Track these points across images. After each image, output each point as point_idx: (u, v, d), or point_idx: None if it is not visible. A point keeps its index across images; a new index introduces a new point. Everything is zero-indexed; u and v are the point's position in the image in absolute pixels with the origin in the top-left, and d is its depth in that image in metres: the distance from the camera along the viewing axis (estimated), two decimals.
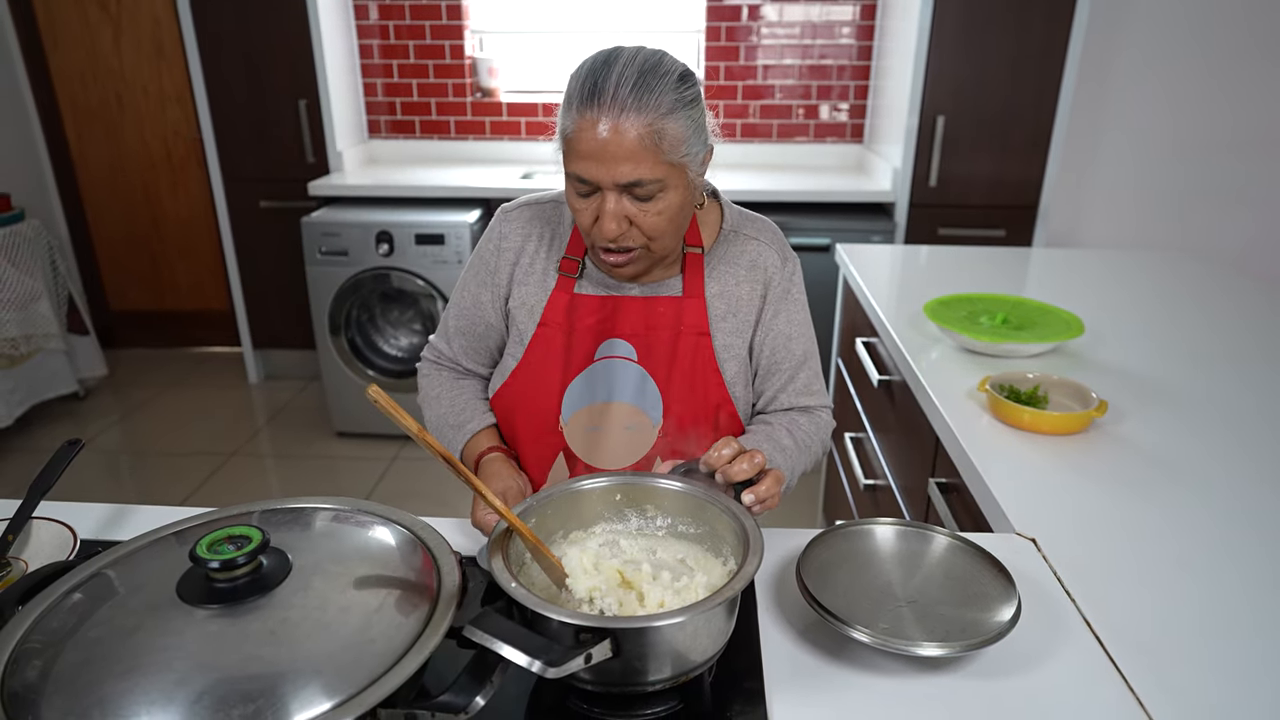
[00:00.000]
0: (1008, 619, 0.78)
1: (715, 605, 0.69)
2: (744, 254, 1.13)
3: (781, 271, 1.14)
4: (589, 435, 1.13)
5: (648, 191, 0.95)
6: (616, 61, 0.93)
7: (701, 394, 1.12)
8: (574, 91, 0.94)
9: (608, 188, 0.95)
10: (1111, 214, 3.40)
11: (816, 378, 1.18)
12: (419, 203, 3.13)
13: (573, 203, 1.00)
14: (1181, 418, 1.30)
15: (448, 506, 2.75)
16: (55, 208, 3.81)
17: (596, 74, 0.92)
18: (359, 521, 0.79)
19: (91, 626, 0.64)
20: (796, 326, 1.15)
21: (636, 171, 0.93)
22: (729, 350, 1.12)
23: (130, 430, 3.35)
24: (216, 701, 0.56)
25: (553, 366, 1.12)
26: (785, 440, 1.10)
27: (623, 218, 0.97)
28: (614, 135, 0.91)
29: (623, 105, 0.91)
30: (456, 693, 0.63)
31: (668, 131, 0.93)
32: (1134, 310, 1.85)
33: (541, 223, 1.15)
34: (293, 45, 3.18)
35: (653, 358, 1.11)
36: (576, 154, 0.94)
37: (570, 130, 0.94)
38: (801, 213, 3.00)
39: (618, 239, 0.98)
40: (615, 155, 0.92)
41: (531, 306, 1.13)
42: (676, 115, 0.93)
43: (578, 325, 1.11)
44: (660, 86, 0.92)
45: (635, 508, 0.91)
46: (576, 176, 0.96)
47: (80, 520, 0.99)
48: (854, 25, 3.37)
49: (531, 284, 1.13)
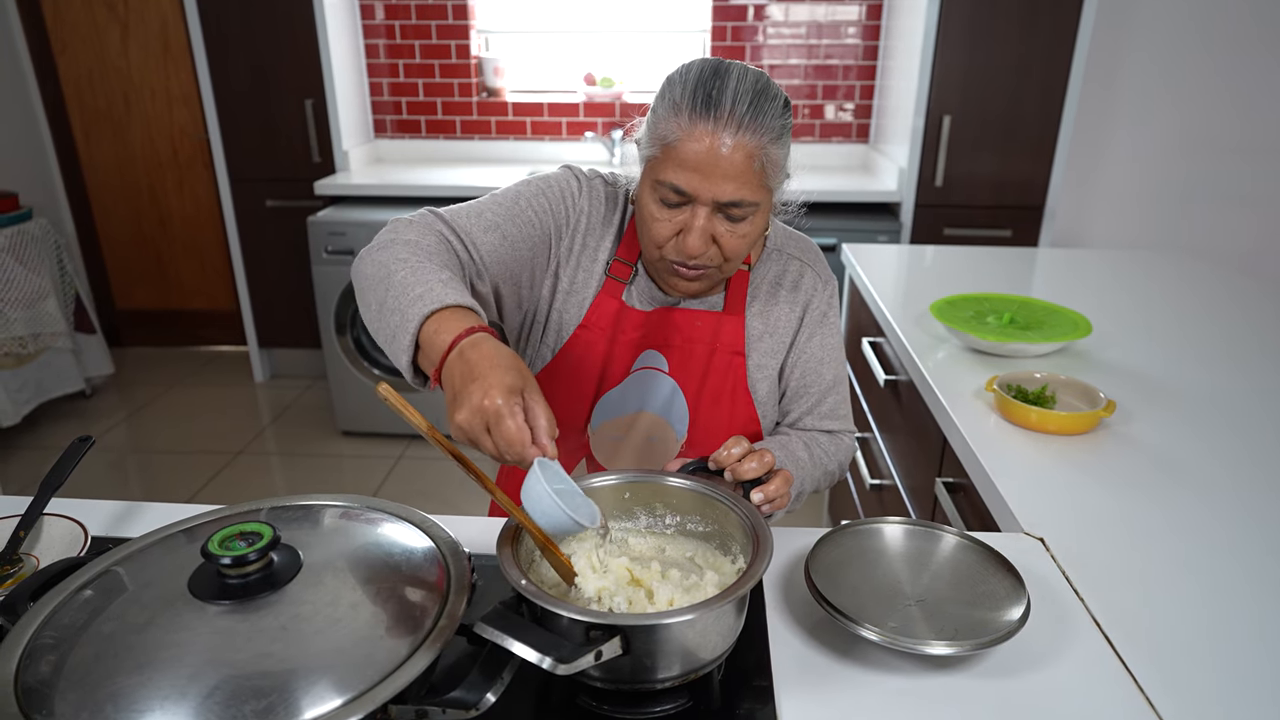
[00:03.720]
0: (1017, 618, 0.77)
1: (725, 603, 0.69)
2: (787, 274, 1.11)
3: (821, 295, 1.12)
4: (613, 444, 1.11)
5: (744, 213, 0.92)
6: (729, 75, 0.89)
7: (728, 412, 1.09)
8: (684, 97, 0.89)
9: (704, 203, 0.91)
10: (1117, 215, 3.39)
11: (844, 403, 1.16)
12: (424, 202, 3.12)
13: (652, 211, 0.95)
14: (1189, 418, 1.30)
15: (453, 505, 2.75)
16: (63, 207, 3.83)
17: (710, 85, 0.88)
18: (368, 519, 0.79)
19: (104, 622, 0.64)
20: (829, 351, 1.13)
21: (740, 192, 0.90)
22: (762, 370, 1.10)
23: (136, 429, 3.36)
24: (228, 697, 0.57)
25: (589, 373, 1.08)
26: (800, 452, 1.08)
27: (709, 236, 0.93)
28: (725, 151, 0.88)
29: (740, 123, 0.87)
30: (467, 689, 0.63)
31: (772, 156, 0.91)
32: (1141, 310, 1.84)
33: (609, 205, 1.09)
34: (299, 45, 3.19)
35: (685, 372, 1.09)
36: (678, 163, 0.90)
37: (674, 137, 0.89)
38: (807, 213, 2.99)
39: (699, 257, 0.95)
40: (724, 172, 0.89)
41: (581, 300, 1.07)
42: (781, 142, 0.91)
43: (620, 338, 1.07)
44: (771, 110, 0.89)
45: (644, 506, 0.91)
46: (672, 186, 0.91)
47: (91, 517, 1.00)
48: (860, 25, 3.37)
49: (588, 270, 1.07)
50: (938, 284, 1.97)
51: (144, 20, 3.57)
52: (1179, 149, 3.27)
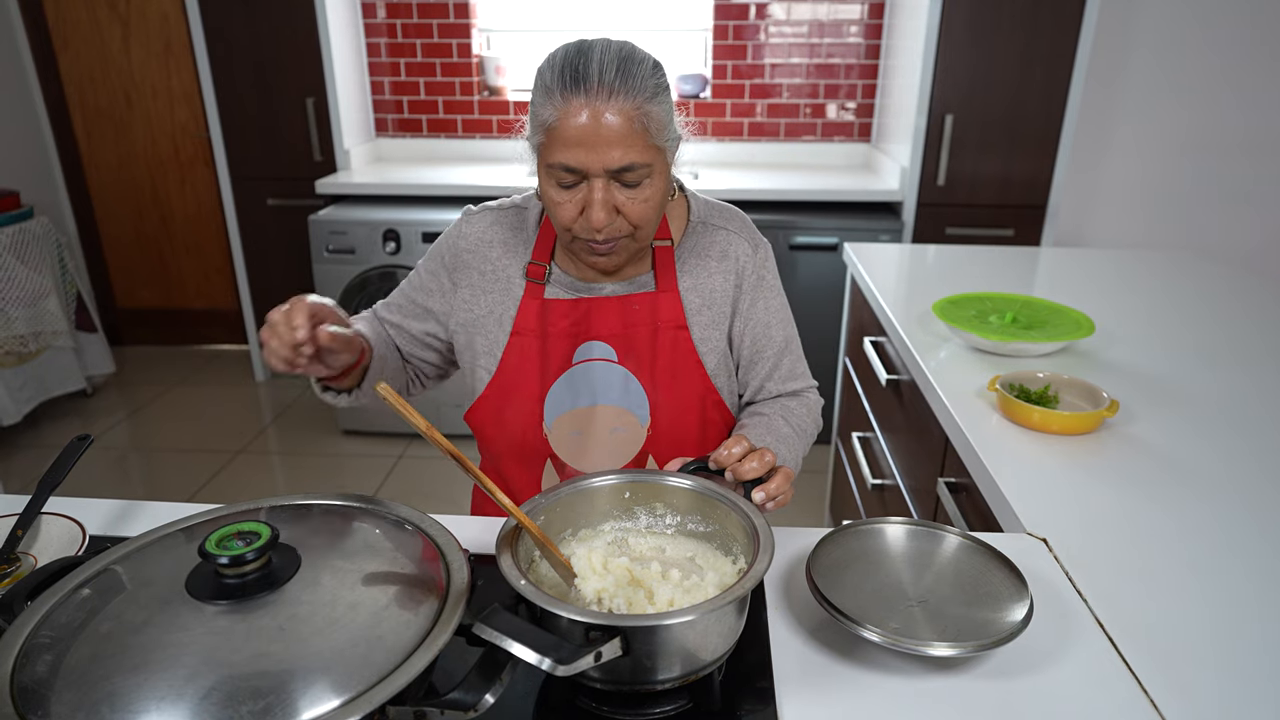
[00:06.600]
0: (1020, 619, 0.77)
1: (725, 604, 0.69)
2: (714, 244, 1.12)
3: (753, 259, 1.13)
4: (574, 440, 1.12)
5: (637, 177, 0.94)
6: (592, 50, 0.92)
7: (686, 387, 1.11)
8: (553, 80, 0.92)
9: (596, 174, 0.93)
10: (1120, 213, 3.39)
11: (800, 361, 1.19)
12: (426, 201, 3.13)
13: (552, 195, 0.98)
14: (1192, 418, 1.29)
15: (454, 504, 2.75)
16: (64, 205, 3.83)
17: (575, 61, 0.91)
18: (368, 518, 0.79)
19: (101, 621, 0.64)
20: (774, 313, 1.15)
21: (627, 156, 0.92)
22: (707, 343, 1.11)
23: (137, 427, 3.36)
24: (225, 697, 0.56)
25: (529, 374, 1.10)
26: (784, 429, 1.10)
27: (611, 206, 0.95)
28: (603, 119, 0.90)
29: (610, 89, 0.90)
30: (466, 690, 0.62)
31: (653, 114, 0.93)
32: (1144, 310, 1.83)
33: (504, 228, 1.14)
34: (301, 44, 3.18)
35: (634, 356, 1.10)
36: (562, 142, 0.92)
37: (553, 119, 0.92)
38: (809, 212, 2.99)
39: (605, 229, 0.97)
40: (606, 139, 0.91)
41: (500, 316, 1.11)
42: (658, 99, 0.94)
43: (551, 330, 1.09)
44: (639, 72, 0.92)
45: (645, 506, 0.90)
46: (562, 166, 0.94)
47: (89, 516, 0.99)
48: (862, 24, 3.36)
49: (497, 293, 1.12)
50: (940, 283, 1.97)
51: (145, 19, 3.57)
52: (1182, 147, 3.26)
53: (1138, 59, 3.16)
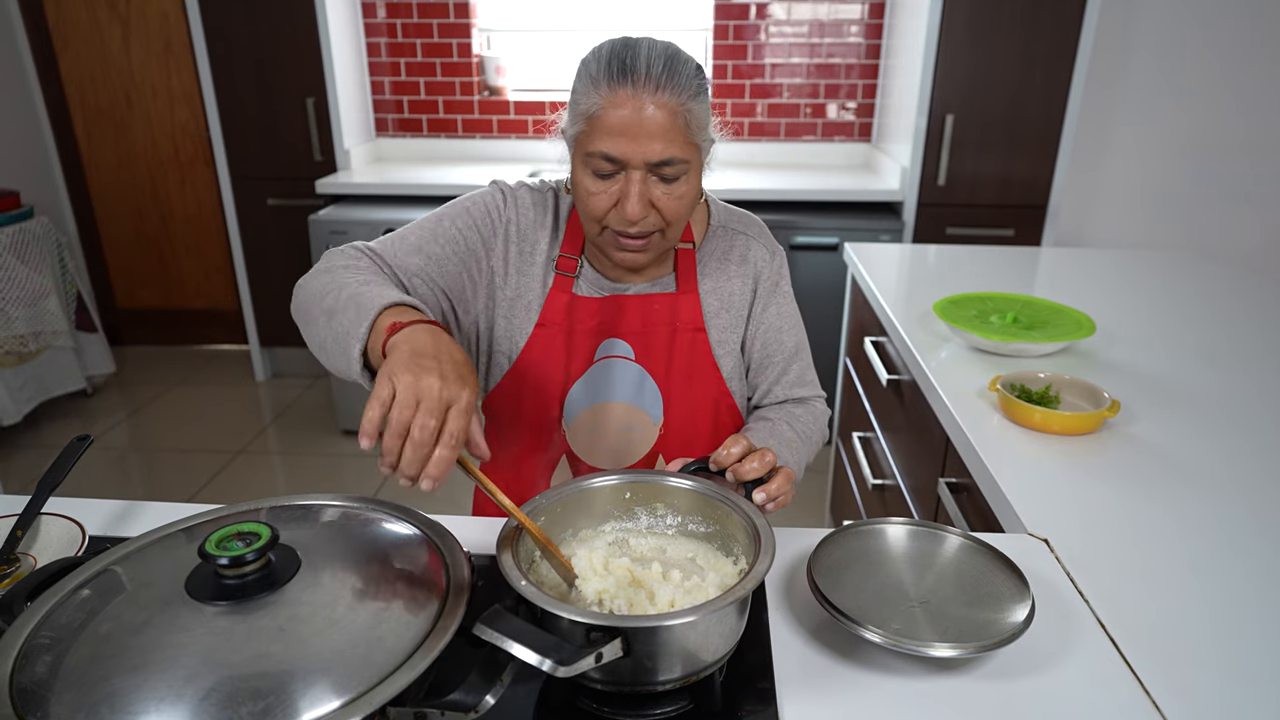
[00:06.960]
0: (1021, 619, 0.77)
1: (726, 605, 0.69)
2: (734, 249, 1.13)
3: (770, 265, 1.14)
4: (589, 437, 1.12)
5: (675, 171, 0.95)
6: (639, 45, 0.93)
7: (700, 389, 1.11)
8: (599, 71, 0.92)
9: (635, 166, 0.93)
10: (1121, 213, 3.38)
11: (809, 369, 1.19)
12: (426, 201, 3.13)
13: (587, 186, 0.97)
14: (1193, 418, 1.29)
15: (454, 505, 2.75)
16: (64, 205, 3.83)
17: (623, 54, 0.92)
18: (368, 518, 0.79)
19: (100, 622, 0.64)
20: (786, 319, 1.15)
21: (668, 150, 0.92)
22: (724, 346, 1.12)
23: (137, 427, 3.36)
24: (225, 698, 0.56)
25: (553, 369, 1.09)
26: (788, 433, 1.10)
27: (646, 200, 0.95)
28: (647, 111, 0.91)
29: (658, 82, 0.90)
30: (466, 691, 0.62)
31: (694, 112, 0.93)
32: (1144, 310, 1.83)
33: (541, 210, 1.12)
34: (301, 44, 3.18)
35: (651, 356, 1.10)
36: (605, 131, 0.92)
37: (597, 108, 0.92)
38: (809, 212, 2.99)
39: (640, 222, 0.97)
40: (650, 132, 0.91)
41: (529, 303, 1.10)
42: (700, 99, 0.94)
43: (578, 328, 1.09)
44: (684, 71, 0.93)
45: (645, 506, 0.90)
46: (603, 155, 0.93)
47: (89, 516, 0.99)
48: (862, 24, 3.36)
49: (530, 275, 1.10)
50: (940, 283, 1.97)
51: (145, 19, 3.57)
52: (1182, 148, 3.26)
53: (1138, 60, 3.16)
